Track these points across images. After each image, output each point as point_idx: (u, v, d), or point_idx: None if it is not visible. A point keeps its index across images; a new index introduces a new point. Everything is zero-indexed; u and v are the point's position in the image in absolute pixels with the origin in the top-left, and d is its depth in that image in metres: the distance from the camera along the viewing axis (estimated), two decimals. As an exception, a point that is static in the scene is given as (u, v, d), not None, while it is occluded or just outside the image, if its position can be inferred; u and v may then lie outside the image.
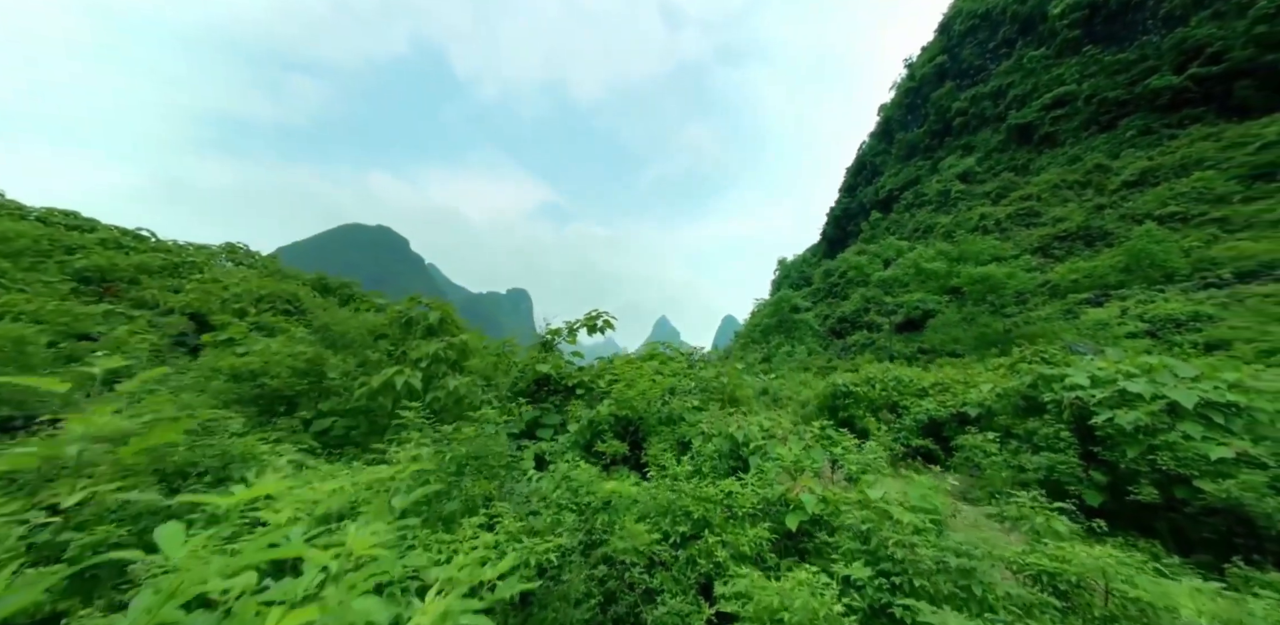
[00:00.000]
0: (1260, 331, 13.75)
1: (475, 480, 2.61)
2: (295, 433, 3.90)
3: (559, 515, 2.25)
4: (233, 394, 3.94)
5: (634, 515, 2.22)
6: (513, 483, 2.56)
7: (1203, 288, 19.13)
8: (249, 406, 3.93)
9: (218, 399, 3.88)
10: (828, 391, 8.37)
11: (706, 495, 2.55)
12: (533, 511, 2.32)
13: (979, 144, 62.67)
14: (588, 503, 2.25)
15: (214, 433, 2.74)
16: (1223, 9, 42.35)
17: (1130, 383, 4.78)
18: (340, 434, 4.15)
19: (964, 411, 6.65)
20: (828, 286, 61.00)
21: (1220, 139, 33.51)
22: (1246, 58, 38.01)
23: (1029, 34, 63.39)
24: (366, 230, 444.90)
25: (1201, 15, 44.16)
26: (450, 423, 3.93)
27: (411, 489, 1.74)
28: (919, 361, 26.68)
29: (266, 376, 3.94)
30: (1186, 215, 27.49)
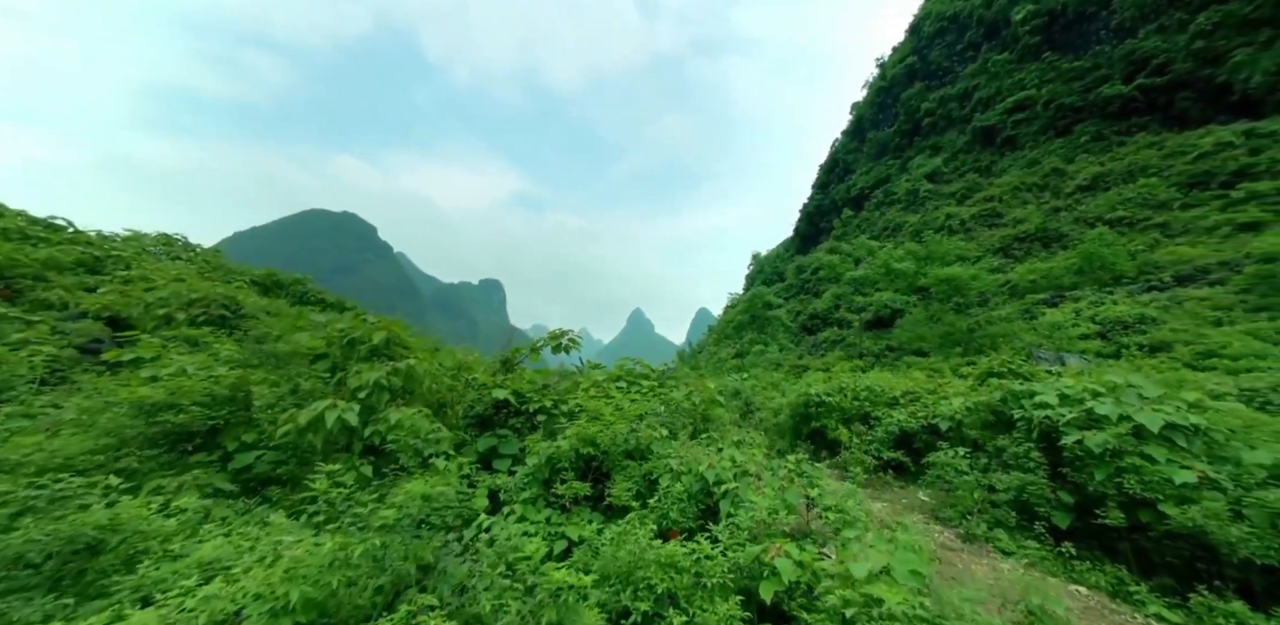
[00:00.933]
0: (1197, 334, 14.59)
1: (408, 549, 2.23)
2: (210, 471, 3.40)
3: (500, 599, 1.92)
4: (131, 430, 3.40)
5: (590, 606, 1.91)
6: (449, 557, 2.20)
7: (1146, 290, 20.23)
8: (152, 447, 3.40)
9: (111, 437, 3.33)
10: (800, 401, 8.27)
11: (673, 560, 2.27)
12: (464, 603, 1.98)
13: (946, 145, 64.61)
14: (532, 586, 1.94)
15: (70, 498, 2.25)
16: (1167, 23, 44.66)
17: (1098, 404, 4.78)
18: (265, 470, 3.66)
19: (935, 424, 6.63)
20: (800, 283, 62.16)
21: (1163, 148, 35.50)
22: (1187, 70, 40.28)
23: (994, 38, 65.41)
24: (331, 216, 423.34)
25: (1148, 28, 46.49)
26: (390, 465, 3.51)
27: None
28: (887, 358, 27.43)
29: (172, 411, 3.40)
30: (1133, 219, 29.03)
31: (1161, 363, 13.81)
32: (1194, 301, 17.37)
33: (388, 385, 3.78)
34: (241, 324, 7.83)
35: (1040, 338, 17.71)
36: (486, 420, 4.71)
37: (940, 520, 5.21)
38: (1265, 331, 13.61)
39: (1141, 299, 19.29)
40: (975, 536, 4.75)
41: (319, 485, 2.37)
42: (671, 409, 4.72)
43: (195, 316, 7.21)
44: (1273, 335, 13.39)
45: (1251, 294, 16.48)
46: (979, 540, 4.74)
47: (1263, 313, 15.24)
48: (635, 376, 5.55)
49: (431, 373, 4.20)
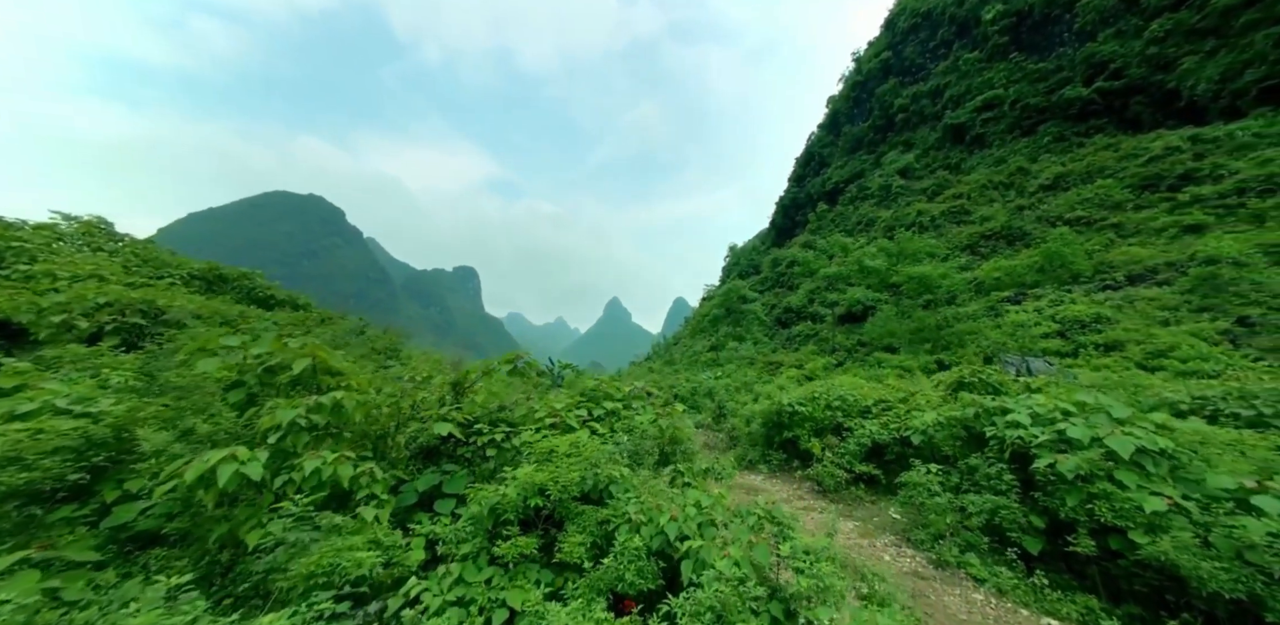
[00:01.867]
0: (1147, 334, 15.21)
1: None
2: (68, 535, 2.83)
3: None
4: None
5: None
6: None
7: (1102, 289, 21.06)
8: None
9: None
10: (772, 410, 8.08)
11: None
12: None
13: (918, 141, 65.85)
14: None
15: None
16: (1124, 28, 46.30)
17: (1070, 426, 4.68)
18: (151, 527, 3.11)
19: (907, 436, 6.52)
20: (775, 276, 62.79)
21: (1118, 150, 36.98)
22: (1140, 76, 41.96)
23: (965, 36, 66.62)
24: (296, 199, 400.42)
25: (1107, 32, 48.10)
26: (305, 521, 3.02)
27: None
28: (858, 353, 27.90)
29: (15, 467, 2.80)
30: (1090, 219, 30.20)
31: (1115, 361, 14.34)
32: (1144, 301, 18.14)
33: (307, 425, 3.27)
34: (165, 333, 7.03)
35: (1005, 336, 18.23)
36: (433, 451, 4.25)
37: (912, 543, 5.08)
38: (1206, 332, 14.28)
39: (1098, 298, 20.06)
40: (947, 563, 4.62)
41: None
42: (637, 438, 4.37)
43: (102, 325, 6.39)
44: (1213, 336, 14.06)
45: (1194, 295, 17.31)
46: (951, 566, 4.61)
47: (1205, 313, 16.01)
48: (601, 397, 5.16)
49: (366, 404, 3.69)
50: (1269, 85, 31.11)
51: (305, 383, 3.80)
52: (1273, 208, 21.53)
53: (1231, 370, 10.32)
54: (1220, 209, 23.83)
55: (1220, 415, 6.98)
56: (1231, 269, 16.83)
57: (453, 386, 4.68)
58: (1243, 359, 11.39)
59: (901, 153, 65.99)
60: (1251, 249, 17.79)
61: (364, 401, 3.65)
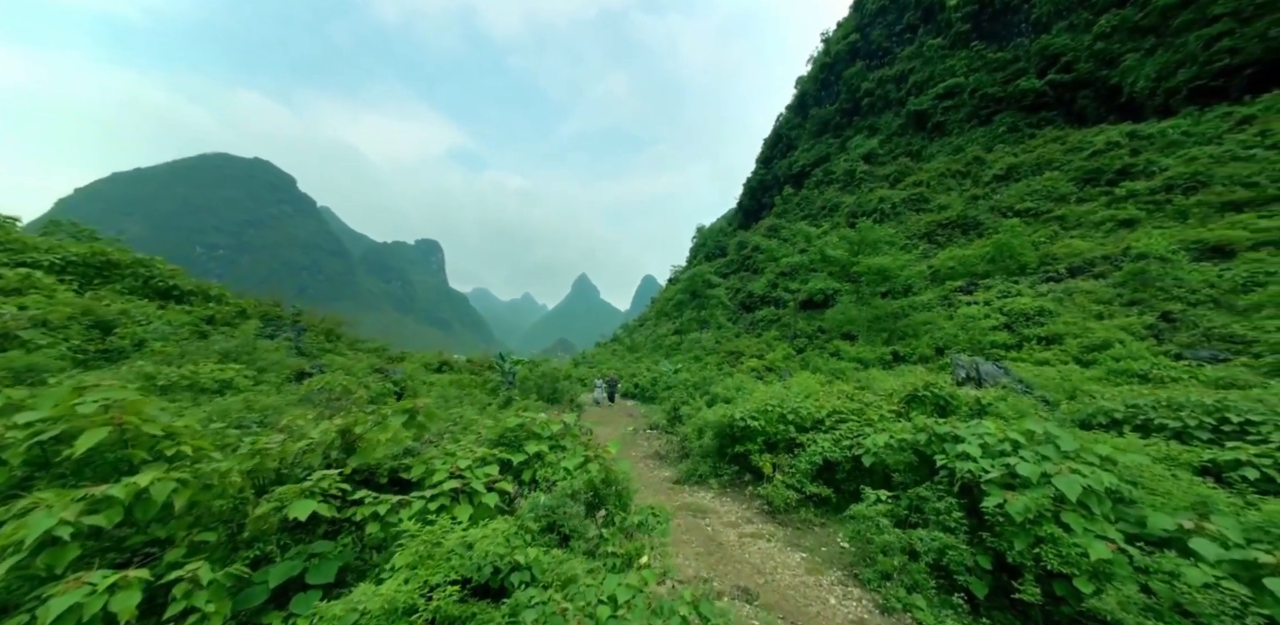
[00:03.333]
0: (1083, 328, 15.96)
1: None
2: None
3: None
4: None
5: None
6: None
7: (1046, 281, 22.00)
8: None
9: None
10: (724, 422, 7.72)
11: None
12: None
13: (882, 126, 66.53)
14: None
15: None
16: (1076, 22, 47.57)
17: (1020, 463, 4.46)
18: None
19: (859, 456, 6.27)
20: (741, 259, 63.06)
21: (1065, 143, 38.47)
22: (1088, 71, 43.46)
23: (930, 21, 66.90)
24: (239, 162, 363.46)
25: (1060, 25, 49.34)
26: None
27: None
28: (819, 339, 28.43)
29: None
30: (1038, 211, 31.44)
31: (1055, 355, 14.97)
32: (1082, 294, 19.03)
33: (80, 532, 2.45)
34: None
35: (957, 328, 18.79)
36: (305, 526, 3.50)
37: (859, 581, 4.84)
38: (1135, 327, 15.09)
39: (1041, 289, 20.92)
40: (894, 608, 4.38)
41: None
42: (559, 495, 3.77)
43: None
44: (1140, 331, 14.86)
45: (1126, 288, 18.27)
46: (898, 611, 4.37)
47: (1134, 307, 16.94)
48: (523, 438, 4.51)
49: (197, 483, 2.88)
50: (1198, 85, 32.81)
51: (102, 461, 2.94)
52: (1195, 204, 22.90)
53: (1157, 370, 10.84)
54: (1150, 205, 25.20)
55: (1151, 425, 7.15)
56: (1158, 264, 17.79)
57: (341, 436, 3.90)
58: (1165, 357, 12.03)
59: (866, 137, 66.61)
60: (1175, 245, 18.85)
61: (194, 480, 2.84)
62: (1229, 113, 28.85)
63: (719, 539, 5.85)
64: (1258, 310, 13.16)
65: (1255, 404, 6.78)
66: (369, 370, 9.70)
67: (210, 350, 7.42)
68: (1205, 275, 16.71)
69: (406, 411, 3.76)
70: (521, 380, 16.15)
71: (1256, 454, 5.96)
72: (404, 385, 9.37)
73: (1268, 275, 14.98)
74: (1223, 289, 15.55)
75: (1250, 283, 15.21)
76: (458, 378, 12.61)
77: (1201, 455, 6.27)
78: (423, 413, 3.80)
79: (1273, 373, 9.93)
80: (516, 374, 14.48)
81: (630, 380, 22.17)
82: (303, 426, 4.28)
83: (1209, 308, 15.04)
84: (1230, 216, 20.35)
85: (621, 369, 27.52)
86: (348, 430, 3.95)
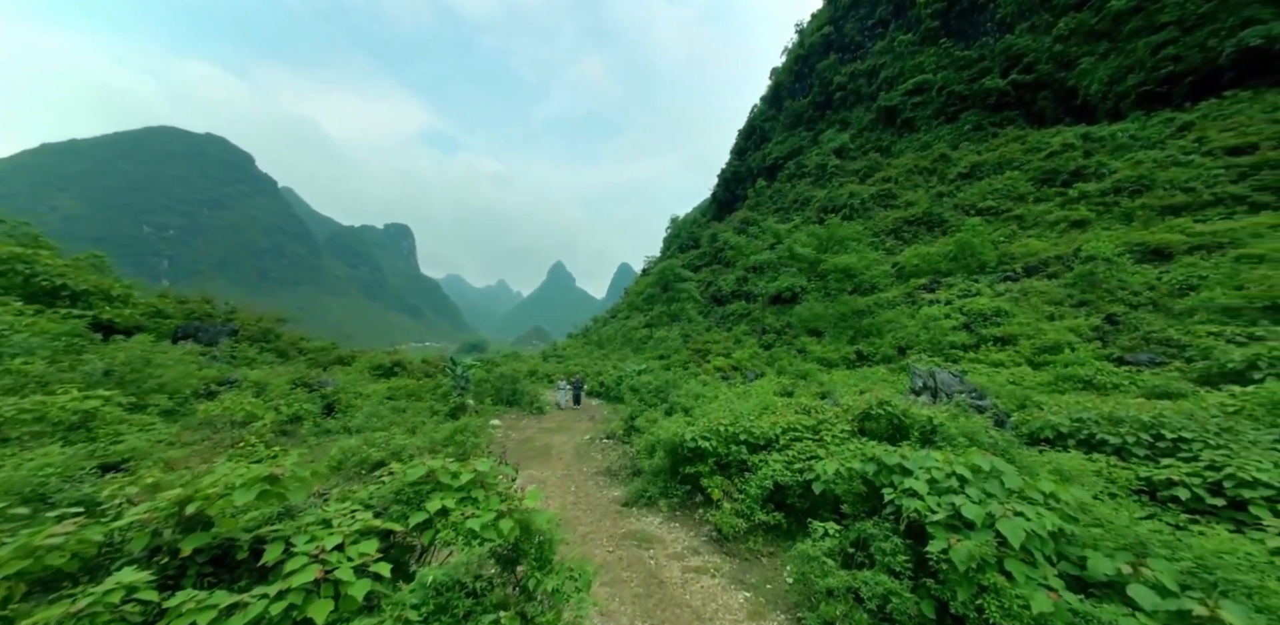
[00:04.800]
0: (1036, 328, 16.43)
1: None
2: None
3: None
4: None
5: None
6: None
7: (1003, 280, 22.63)
8: None
9: None
10: (676, 441, 7.39)
11: None
12: None
13: (854, 120, 67.09)
14: None
15: None
16: (1038, 23, 48.69)
17: (966, 503, 4.26)
18: None
19: (810, 481, 6.04)
20: (713, 251, 63.02)
21: (1025, 143, 39.60)
22: (1047, 72, 44.70)
23: (901, 17, 67.33)
24: (190, 138, 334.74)
25: (1023, 26, 50.44)
26: None
27: None
28: (787, 335, 28.64)
29: None
30: (998, 210, 32.34)
31: (1009, 356, 15.35)
32: (1036, 294, 19.62)
33: None
34: None
35: (919, 328, 19.10)
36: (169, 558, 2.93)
37: None
38: (1082, 329, 15.62)
39: (999, 289, 21.49)
40: (835, 659, 4.14)
41: None
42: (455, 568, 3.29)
43: None
44: (1087, 332, 15.39)
45: (1075, 289, 18.93)
46: (839, 662, 4.13)
47: (1082, 308, 17.56)
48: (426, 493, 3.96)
49: None
50: (1145, 90, 34.18)
51: None
52: (1139, 207, 23.92)
53: (1100, 376, 11.16)
54: (1100, 206, 26.21)
55: (1094, 440, 7.24)
56: (1105, 266, 18.45)
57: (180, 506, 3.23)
58: (1108, 362, 12.43)
59: (838, 132, 67.07)
60: (1120, 247, 19.61)
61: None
62: (1171, 118, 30.17)
63: (661, 576, 5.52)
64: (1191, 314, 13.75)
65: (1187, 420, 6.93)
66: (291, 384, 8.74)
67: (85, 369, 6.34)
68: (1146, 277, 17.44)
69: (262, 480, 3.14)
70: (478, 382, 15.44)
71: (1188, 473, 6.08)
72: (335, 399, 8.57)
73: (1200, 279, 15.70)
74: (1162, 291, 16.24)
75: (1185, 286, 15.92)
76: (404, 385, 11.82)
77: (1139, 472, 6.37)
78: (286, 478, 3.20)
79: (1202, 379, 10.33)
80: (470, 379, 13.77)
81: (596, 378, 21.74)
82: (134, 492, 3.63)
83: (1149, 310, 15.68)
84: (1170, 220, 21.31)
85: (588, 366, 27.05)
86: (188, 500, 3.29)
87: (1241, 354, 9.97)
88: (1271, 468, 5.80)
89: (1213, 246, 17.69)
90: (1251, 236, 16.98)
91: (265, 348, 12.35)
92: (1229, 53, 28.54)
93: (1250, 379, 9.45)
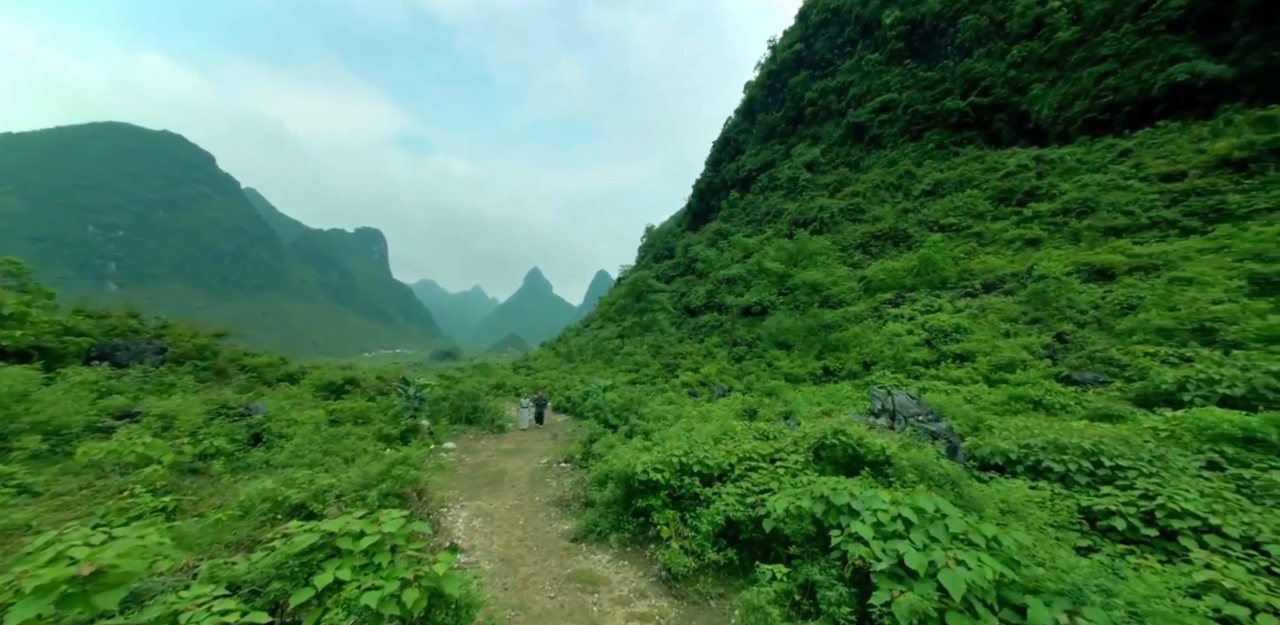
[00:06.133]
0: (993, 346, 16.98)
1: None
2: None
3: None
4: None
5: None
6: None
7: (963, 296, 23.40)
8: None
9: None
10: (628, 472, 7.12)
11: None
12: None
13: (825, 135, 69.11)
14: None
15: None
16: (994, 49, 51.48)
17: (910, 552, 4.12)
18: None
19: (761, 518, 5.86)
20: (687, 262, 63.42)
21: (984, 162, 41.51)
22: (1003, 96, 47.17)
23: (868, 37, 70.11)
24: (144, 135, 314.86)
25: (980, 51, 53.23)
26: None
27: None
28: (758, 347, 28.81)
29: None
30: (959, 226, 33.61)
31: (967, 373, 15.75)
32: (993, 311, 20.32)
33: None
34: None
35: (883, 344, 19.49)
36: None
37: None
38: (1035, 346, 16.22)
39: (959, 304, 22.19)
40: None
41: None
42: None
43: None
44: (1039, 350, 15.98)
45: (1029, 306, 19.70)
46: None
47: (1035, 325, 18.26)
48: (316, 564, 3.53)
49: None
50: (1090, 117, 36.42)
51: None
52: (1086, 228, 25.26)
53: (1049, 397, 11.52)
54: (1051, 226, 27.56)
55: (1040, 467, 7.36)
56: (1055, 285, 19.28)
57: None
58: (1057, 382, 12.88)
59: (809, 146, 68.94)
60: (1068, 267, 20.57)
61: None
62: (1113, 144, 32.16)
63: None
64: (1130, 334, 14.43)
65: (1124, 447, 7.14)
66: (211, 413, 7.91)
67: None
68: (1092, 296, 18.29)
69: (66, 582, 2.58)
70: (436, 400, 14.80)
71: (1124, 502, 6.22)
72: (265, 427, 7.88)
73: (1139, 299, 16.55)
74: (1105, 311, 17.05)
75: (1126, 305, 16.76)
76: (349, 407, 11.09)
77: (1080, 501, 6.50)
78: (110, 573, 2.69)
79: (1140, 399, 10.77)
80: (425, 398, 13.14)
81: (564, 393, 21.27)
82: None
83: (1095, 328, 16.41)
84: (1112, 241, 22.53)
85: (557, 380, 26.52)
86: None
87: (1173, 375, 10.46)
88: (1198, 497, 5.99)
89: (1149, 268, 18.74)
90: (1182, 259, 18.08)
91: (200, 367, 11.40)
92: (1160, 86, 30.72)
93: (1181, 400, 9.89)
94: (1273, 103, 25.60)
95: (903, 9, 63.42)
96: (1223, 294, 14.32)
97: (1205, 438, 7.61)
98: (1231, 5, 29.25)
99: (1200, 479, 6.57)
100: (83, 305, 11.31)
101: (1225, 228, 19.49)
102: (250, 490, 4.76)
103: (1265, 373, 9.19)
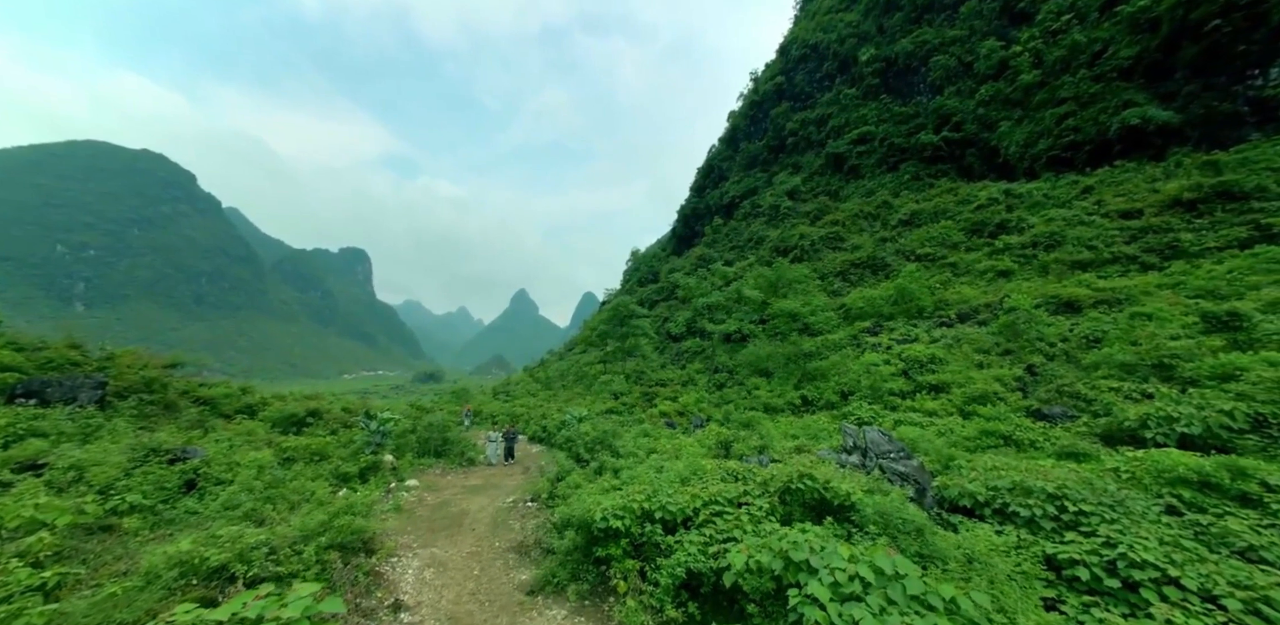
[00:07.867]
0: (966, 377, 17.16)
1: None
2: None
3: None
4: None
5: None
6: None
7: (940, 325, 23.80)
8: None
9: None
10: (589, 519, 6.85)
11: None
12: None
13: (805, 165, 71.57)
14: None
15: None
16: (963, 88, 54.58)
17: (865, 618, 3.97)
18: None
19: (722, 571, 5.61)
20: (670, 287, 63.91)
21: (957, 195, 43.22)
22: (973, 132, 49.72)
23: (845, 73, 73.88)
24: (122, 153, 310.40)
25: (950, 89, 56.37)
26: None
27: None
28: (739, 375, 28.70)
29: None
30: (934, 256, 34.58)
31: (941, 405, 15.82)
32: (968, 341, 20.65)
33: None
34: None
35: (861, 373, 19.57)
36: None
37: None
38: (1006, 378, 16.46)
39: (935, 334, 22.51)
40: None
41: None
42: None
43: None
44: (1010, 382, 16.20)
45: (1001, 337, 20.08)
46: None
47: (1007, 357, 18.56)
48: None
49: None
50: (1053, 155, 38.46)
51: None
52: (1053, 261, 26.18)
53: (1019, 433, 11.59)
54: (1021, 258, 28.52)
55: (1007, 511, 7.28)
56: (1025, 317, 19.76)
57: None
58: (1026, 417, 13.01)
59: (791, 174, 71.23)
60: (1037, 299, 21.14)
61: None
62: (1076, 181, 33.83)
63: (548, 699, 4.85)
64: (1095, 368, 14.73)
65: (1087, 491, 7.13)
66: (134, 461, 7.27)
67: None
68: (1060, 329, 18.75)
69: None
70: (402, 433, 14.27)
71: (1087, 550, 6.15)
72: (200, 473, 7.33)
73: (1103, 333, 17.01)
74: (1073, 343, 17.44)
75: (1092, 338, 17.19)
76: (305, 444, 10.54)
77: (1045, 548, 6.43)
78: None
79: (1105, 435, 10.87)
80: (389, 433, 12.64)
81: (540, 422, 20.76)
82: None
83: (1063, 361, 16.73)
84: (1078, 275, 23.34)
85: (534, 408, 25.96)
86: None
87: (1135, 412, 10.62)
88: (1157, 545, 5.95)
89: (1113, 301, 19.37)
90: (1143, 294, 18.75)
91: (146, 401, 10.80)
92: (1115, 129, 32.70)
93: (1143, 438, 10.00)
94: (1216, 148, 27.37)
95: (877, 47, 67.21)
96: (1180, 329, 14.80)
97: (1164, 481, 7.66)
98: (1174, 57, 31.62)
99: (1160, 525, 6.56)
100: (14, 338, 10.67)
101: (1180, 264, 20.39)
102: (157, 554, 4.38)
103: (1218, 412, 9.38)
